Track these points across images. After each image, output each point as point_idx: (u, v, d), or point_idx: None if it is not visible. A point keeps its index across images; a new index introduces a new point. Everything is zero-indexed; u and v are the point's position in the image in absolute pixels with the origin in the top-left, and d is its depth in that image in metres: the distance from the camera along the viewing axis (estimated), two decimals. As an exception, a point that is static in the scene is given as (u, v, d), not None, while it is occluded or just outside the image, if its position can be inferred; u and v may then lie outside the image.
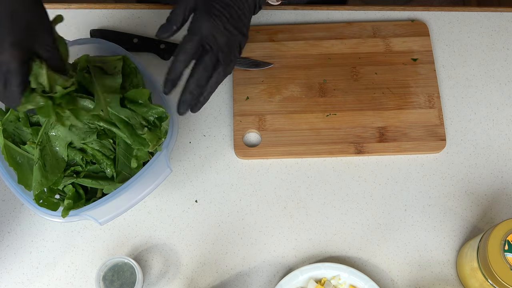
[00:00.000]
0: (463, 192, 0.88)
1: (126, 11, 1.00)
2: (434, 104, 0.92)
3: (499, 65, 0.96)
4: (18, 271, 0.83)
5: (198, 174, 0.89)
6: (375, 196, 0.88)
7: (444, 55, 0.97)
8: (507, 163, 0.90)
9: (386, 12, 1.00)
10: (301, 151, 0.89)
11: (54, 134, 0.77)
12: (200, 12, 0.73)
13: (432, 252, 0.85)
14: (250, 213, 0.87)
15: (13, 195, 0.87)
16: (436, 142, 0.90)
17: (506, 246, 0.71)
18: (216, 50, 0.73)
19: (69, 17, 0.99)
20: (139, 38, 0.95)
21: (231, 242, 0.85)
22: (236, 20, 0.74)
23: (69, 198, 0.76)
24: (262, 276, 0.83)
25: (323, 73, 0.94)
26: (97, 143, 0.78)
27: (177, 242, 0.85)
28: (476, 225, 0.86)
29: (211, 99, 0.93)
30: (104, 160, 0.78)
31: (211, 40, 0.72)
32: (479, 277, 0.75)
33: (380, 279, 0.83)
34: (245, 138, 0.91)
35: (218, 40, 0.73)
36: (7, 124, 0.78)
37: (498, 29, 0.99)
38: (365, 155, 0.90)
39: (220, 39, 0.73)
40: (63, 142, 0.77)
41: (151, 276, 0.83)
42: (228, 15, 0.73)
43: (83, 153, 0.78)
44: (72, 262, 0.84)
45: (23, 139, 0.79)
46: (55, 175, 0.76)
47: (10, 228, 0.86)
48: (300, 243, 0.85)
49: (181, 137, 0.91)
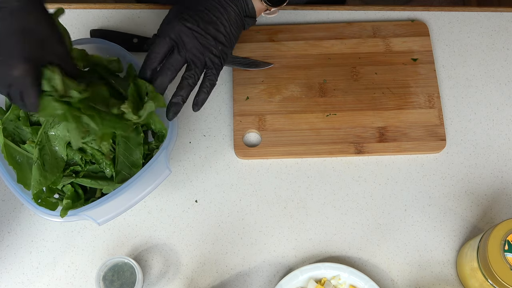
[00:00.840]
0: (463, 192, 0.88)
1: (126, 11, 1.00)
2: (434, 104, 0.92)
3: (499, 65, 0.96)
4: (18, 271, 0.83)
5: (198, 174, 0.89)
6: (375, 196, 0.88)
7: (444, 55, 0.97)
8: (507, 163, 0.90)
9: (386, 12, 1.00)
10: (301, 151, 0.89)
11: (53, 134, 0.77)
12: (172, 18, 0.77)
13: (432, 252, 0.85)
14: (250, 213, 0.87)
15: (13, 195, 0.87)
16: (436, 142, 0.90)
17: (506, 246, 0.71)
18: (183, 51, 0.76)
19: (69, 17, 0.99)
20: (139, 38, 0.95)
21: (231, 242, 0.85)
22: (207, 24, 0.77)
23: (68, 197, 0.76)
24: (262, 276, 0.83)
25: (323, 73, 0.94)
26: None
27: (177, 242, 0.85)
28: (476, 225, 0.86)
29: (211, 99, 0.93)
30: (104, 160, 0.78)
31: (179, 42, 0.76)
32: (479, 277, 0.75)
33: (380, 279, 0.83)
34: (245, 138, 0.91)
35: (185, 41, 0.76)
36: (7, 123, 0.78)
37: (498, 29, 0.99)
38: (365, 155, 0.89)
39: (187, 40, 0.76)
40: (63, 142, 0.77)
41: (151, 276, 0.83)
42: (199, 19, 0.76)
43: (82, 153, 0.78)
44: (72, 262, 0.84)
45: (23, 138, 0.79)
46: (54, 174, 0.76)
47: (10, 228, 0.86)
48: (300, 243, 0.85)
49: (181, 137, 0.91)
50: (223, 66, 0.81)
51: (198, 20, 0.77)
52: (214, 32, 0.78)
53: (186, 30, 0.76)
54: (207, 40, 0.77)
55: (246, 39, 0.96)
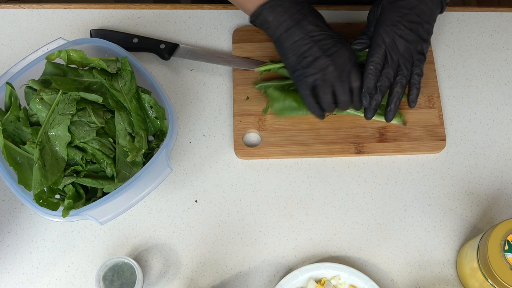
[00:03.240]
0: (463, 192, 0.88)
1: (126, 11, 1.00)
2: (434, 104, 0.92)
3: (499, 65, 0.96)
4: (18, 271, 0.83)
5: (198, 174, 0.89)
6: (375, 196, 0.88)
7: (444, 55, 0.97)
8: (507, 163, 0.90)
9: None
10: (301, 151, 0.89)
11: (53, 134, 0.77)
12: (380, 24, 0.82)
13: (432, 252, 0.85)
14: (250, 213, 0.87)
15: (13, 195, 0.87)
16: (436, 142, 0.90)
17: (506, 246, 0.71)
18: (396, 57, 0.80)
19: (69, 17, 0.99)
20: (139, 38, 0.95)
21: (231, 242, 0.85)
22: (415, 26, 0.81)
23: (69, 197, 0.76)
24: (262, 276, 0.83)
25: (323, 73, 0.94)
26: (97, 142, 0.78)
27: (177, 242, 0.85)
28: (476, 225, 0.86)
29: (211, 98, 0.93)
30: (104, 159, 0.78)
31: (392, 48, 0.80)
32: (479, 277, 0.75)
33: (380, 279, 0.83)
34: (245, 138, 0.91)
35: (398, 47, 0.80)
36: (7, 124, 0.78)
37: (498, 29, 0.99)
38: (365, 155, 0.90)
39: (400, 46, 0.80)
40: (63, 142, 0.77)
41: (151, 276, 0.83)
42: (406, 23, 0.80)
43: (83, 153, 0.78)
44: (72, 262, 0.84)
45: (23, 139, 0.79)
46: (55, 174, 0.76)
47: (10, 228, 0.86)
48: (300, 243, 0.85)
49: (181, 137, 0.91)
50: (426, 58, 0.84)
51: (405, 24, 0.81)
52: (421, 32, 0.82)
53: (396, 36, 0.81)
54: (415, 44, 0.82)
55: (246, 39, 0.96)
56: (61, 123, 0.77)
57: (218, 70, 0.95)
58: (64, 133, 0.77)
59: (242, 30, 0.97)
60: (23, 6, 1.00)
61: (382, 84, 0.82)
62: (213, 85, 0.94)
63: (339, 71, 0.81)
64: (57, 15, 0.99)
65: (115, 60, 0.84)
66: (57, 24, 0.99)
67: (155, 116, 0.82)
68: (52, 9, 1.00)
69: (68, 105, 0.78)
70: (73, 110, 0.78)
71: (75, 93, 0.79)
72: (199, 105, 0.93)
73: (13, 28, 0.98)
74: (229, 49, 0.97)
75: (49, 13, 1.00)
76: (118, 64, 0.84)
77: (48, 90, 0.79)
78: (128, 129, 0.80)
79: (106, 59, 0.83)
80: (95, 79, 0.82)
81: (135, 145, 0.78)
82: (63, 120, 0.77)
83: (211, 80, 0.95)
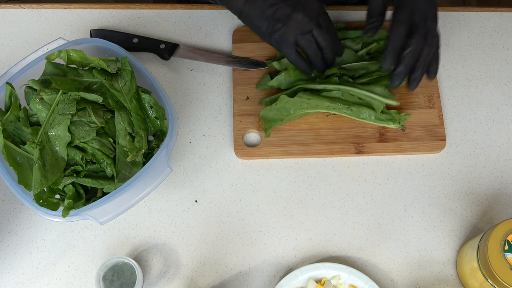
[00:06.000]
0: (463, 192, 0.88)
1: (126, 11, 1.00)
2: (434, 104, 0.92)
3: (499, 65, 0.96)
4: (18, 271, 0.83)
5: (198, 174, 0.89)
6: (375, 196, 0.88)
7: (444, 55, 0.97)
8: (507, 163, 0.90)
9: (387, 12, 0.99)
10: (301, 151, 0.89)
11: (53, 134, 0.77)
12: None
13: (432, 252, 0.85)
14: (250, 213, 0.87)
15: (13, 195, 0.87)
16: (436, 142, 0.90)
17: (506, 246, 0.71)
18: (424, 23, 0.77)
19: (69, 17, 0.99)
20: (139, 38, 0.95)
21: (231, 242, 0.85)
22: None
23: (69, 197, 0.76)
24: (262, 276, 0.83)
25: (323, 73, 0.94)
26: (97, 142, 0.78)
27: (177, 242, 0.85)
28: (476, 225, 0.86)
29: (211, 98, 0.93)
30: (104, 159, 0.78)
31: (420, 12, 0.77)
32: (479, 277, 0.75)
33: (380, 279, 0.83)
34: (245, 138, 0.91)
35: (426, 11, 0.78)
36: (7, 124, 0.78)
37: (498, 29, 0.99)
38: (365, 155, 0.89)
39: (428, 10, 0.78)
40: (63, 142, 0.77)
41: (151, 276, 0.83)
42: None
43: (83, 153, 0.78)
44: (72, 262, 0.84)
45: (23, 139, 0.79)
46: (55, 174, 0.76)
47: (10, 228, 0.86)
48: (300, 243, 0.85)
49: (181, 137, 0.91)
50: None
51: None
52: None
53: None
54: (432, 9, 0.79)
55: (246, 39, 0.96)
56: (61, 123, 0.77)
57: (218, 70, 0.95)
58: (64, 133, 0.77)
59: (242, 30, 0.97)
60: (23, 6, 1.00)
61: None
62: (213, 85, 0.94)
63: (315, 20, 0.80)
64: (57, 15, 1.00)
65: (115, 60, 0.85)
66: (57, 24, 0.99)
67: (155, 116, 0.82)
68: (52, 9, 1.00)
69: (68, 105, 0.78)
70: (73, 110, 0.78)
71: (75, 93, 0.79)
72: (199, 105, 0.93)
73: (13, 28, 0.98)
74: (229, 49, 0.97)
75: (49, 13, 1.00)
76: (118, 64, 0.84)
77: (48, 90, 0.79)
78: (128, 129, 0.80)
79: (106, 59, 0.83)
80: (95, 79, 0.82)
81: (135, 145, 0.78)
82: (63, 120, 0.77)
83: (211, 80, 0.95)
